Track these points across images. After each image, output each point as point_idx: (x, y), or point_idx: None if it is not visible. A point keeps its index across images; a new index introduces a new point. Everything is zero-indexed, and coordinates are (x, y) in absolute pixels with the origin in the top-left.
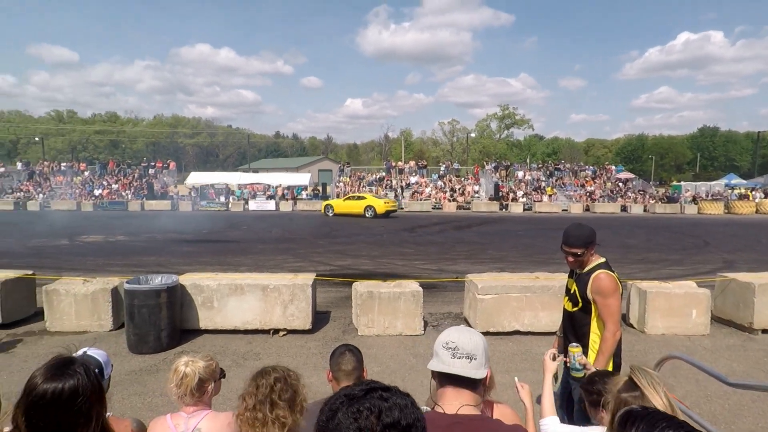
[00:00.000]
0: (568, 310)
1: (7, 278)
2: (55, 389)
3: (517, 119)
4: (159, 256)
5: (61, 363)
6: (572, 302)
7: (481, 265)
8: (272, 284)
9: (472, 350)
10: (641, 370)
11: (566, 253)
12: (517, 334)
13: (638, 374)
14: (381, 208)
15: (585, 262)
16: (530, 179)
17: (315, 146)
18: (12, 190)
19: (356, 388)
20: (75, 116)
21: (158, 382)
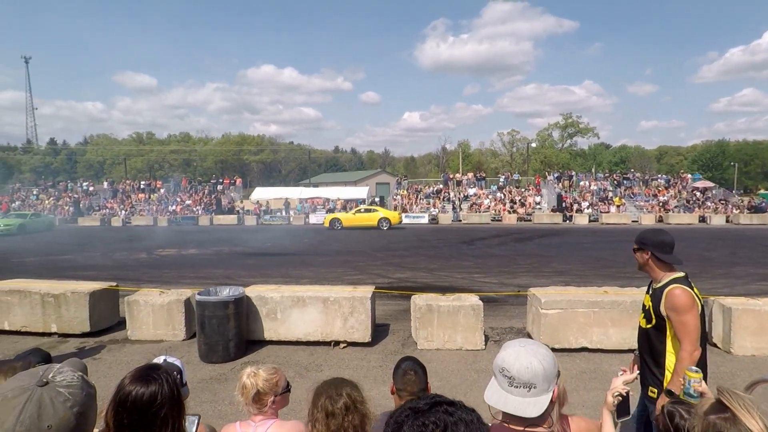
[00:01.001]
0: (643, 328)
1: (95, 289)
2: (136, 392)
3: (581, 128)
4: (226, 269)
5: (146, 369)
6: (647, 319)
7: (543, 278)
8: (332, 297)
9: (530, 379)
10: (731, 392)
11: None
12: (584, 351)
13: (728, 395)
14: (396, 219)
15: (648, 271)
16: (596, 189)
17: (373, 160)
18: (99, 207)
19: (421, 402)
20: (153, 137)
21: (227, 391)
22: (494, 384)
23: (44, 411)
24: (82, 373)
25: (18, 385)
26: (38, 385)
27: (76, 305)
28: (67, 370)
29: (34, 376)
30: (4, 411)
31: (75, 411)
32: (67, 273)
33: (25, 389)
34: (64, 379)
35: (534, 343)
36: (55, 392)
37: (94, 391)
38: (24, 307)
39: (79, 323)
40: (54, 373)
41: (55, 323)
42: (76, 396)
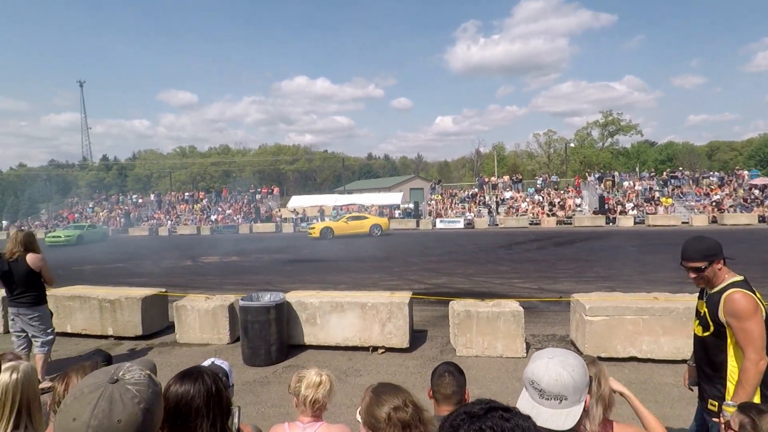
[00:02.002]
0: (699, 336)
1: (146, 295)
2: (177, 392)
3: (623, 125)
4: (266, 275)
5: (190, 371)
6: (703, 326)
7: (586, 284)
8: (370, 302)
9: (560, 391)
10: None
11: (686, 269)
12: (633, 360)
13: None
14: (386, 225)
15: (713, 280)
16: (641, 189)
17: (406, 165)
18: (147, 218)
19: (476, 407)
20: (195, 151)
21: (269, 394)
22: (525, 396)
23: (115, 406)
24: (151, 372)
25: (93, 381)
26: (110, 382)
27: (129, 310)
28: (136, 368)
29: (107, 374)
30: (81, 405)
31: (142, 407)
32: (120, 280)
33: (99, 386)
34: (133, 377)
35: (563, 352)
36: (124, 389)
37: (160, 389)
38: (84, 312)
39: (133, 327)
40: (124, 371)
41: (111, 326)
42: (143, 393)
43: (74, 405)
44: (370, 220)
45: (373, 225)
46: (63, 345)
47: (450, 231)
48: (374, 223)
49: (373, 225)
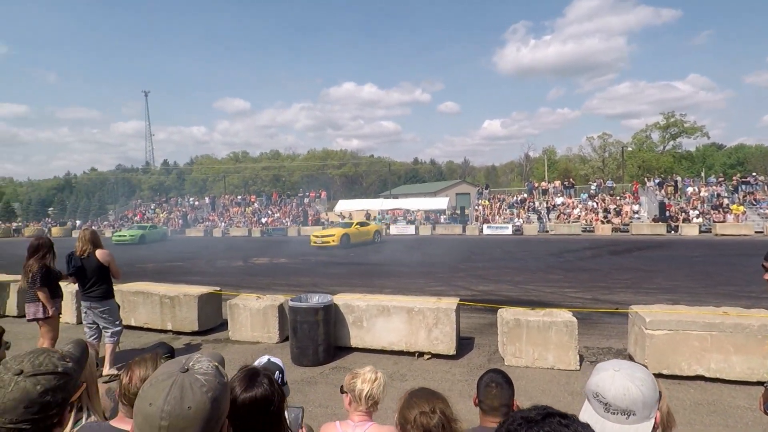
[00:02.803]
0: None
1: (202, 293)
2: (251, 398)
3: (686, 127)
4: (313, 277)
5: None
6: None
7: (646, 295)
8: (417, 307)
9: (628, 405)
10: None
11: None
12: (700, 379)
13: None
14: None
15: None
16: (707, 196)
17: (452, 170)
18: (202, 220)
19: (533, 412)
20: (247, 156)
21: (316, 394)
22: (589, 409)
23: (185, 394)
24: (219, 364)
25: (166, 370)
26: (181, 371)
27: (187, 306)
28: (205, 359)
29: (179, 364)
30: (156, 391)
31: (210, 396)
32: (178, 278)
33: (171, 374)
34: (202, 367)
35: (630, 365)
36: (193, 378)
37: (227, 381)
38: (146, 307)
39: (190, 323)
40: (194, 361)
41: (170, 321)
42: (211, 383)
43: (150, 391)
44: (374, 226)
45: (375, 231)
46: (127, 337)
47: (497, 237)
48: (376, 230)
49: (375, 231)
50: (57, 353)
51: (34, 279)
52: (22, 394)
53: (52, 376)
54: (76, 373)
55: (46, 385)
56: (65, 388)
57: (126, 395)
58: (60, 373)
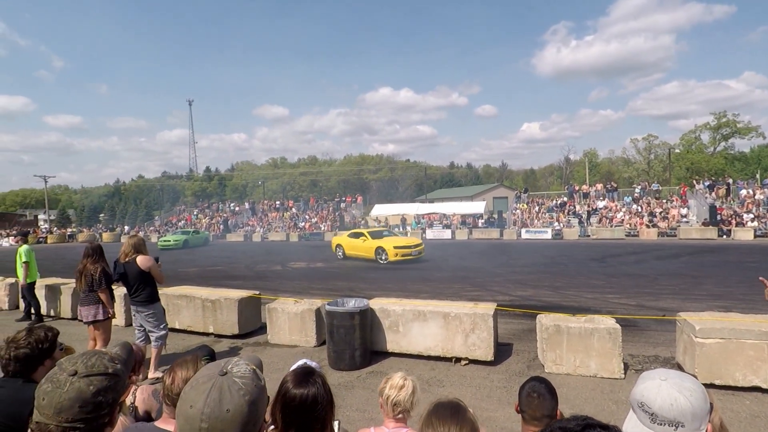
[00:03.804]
0: None
1: (242, 297)
2: (302, 395)
3: (740, 127)
4: (349, 281)
5: (305, 372)
6: None
7: (694, 302)
8: (453, 312)
9: (675, 417)
10: None
11: None
12: (756, 391)
13: None
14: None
15: None
16: (763, 199)
17: (489, 174)
18: (242, 225)
19: (572, 422)
20: (285, 161)
21: (354, 398)
22: (634, 419)
23: (224, 396)
24: (257, 367)
25: (206, 373)
26: (219, 374)
27: (228, 310)
28: (243, 363)
29: (218, 367)
30: (196, 394)
31: (247, 399)
32: (219, 282)
33: (211, 377)
34: (239, 370)
35: (677, 374)
36: (231, 381)
37: (264, 384)
38: (189, 310)
39: (230, 326)
40: (232, 365)
41: (212, 324)
42: (248, 386)
43: (191, 394)
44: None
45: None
46: (171, 339)
47: (536, 241)
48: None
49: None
50: (107, 355)
51: (98, 281)
52: (77, 394)
53: (104, 376)
54: (124, 375)
55: (98, 386)
56: (115, 388)
57: (169, 396)
58: (111, 374)
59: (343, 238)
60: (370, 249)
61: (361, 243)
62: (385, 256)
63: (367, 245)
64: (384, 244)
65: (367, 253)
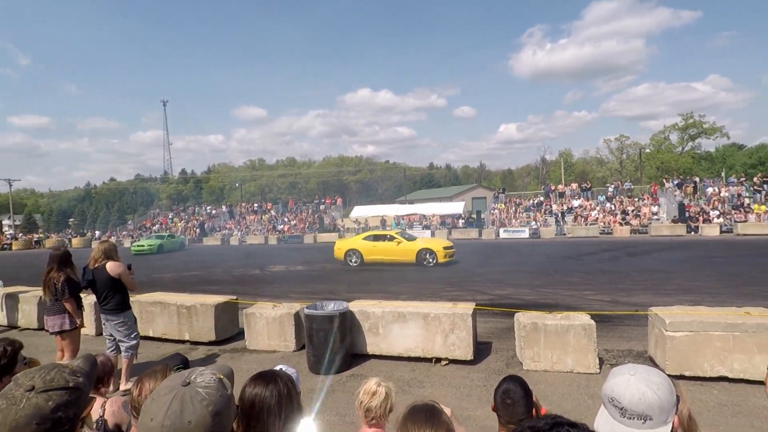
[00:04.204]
0: None
1: (219, 302)
2: (252, 393)
3: (706, 128)
4: (330, 284)
5: (264, 373)
6: None
7: (666, 296)
8: (432, 313)
9: (644, 410)
10: None
11: None
12: (724, 380)
13: None
14: None
15: None
16: (728, 196)
17: (468, 175)
18: (219, 228)
19: (541, 422)
20: (263, 163)
21: (334, 402)
22: (605, 413)
23: (185, 408)
24: (228, 377)
25: (168, 384)
26: (182, 385)
27: (204, 316)
28: (208, 373)
29: (181, 377)
30: (157, 406)
31: (210, 410)
32: (195, 287)
33: (172, 388)
34: (203, 380)
35: (645, 369)
36: (194, 392)
37: (230, 394)
38: (164, 317)
39: (207, 332)
40: (196, 375)
41: (187, 332)
42: (212, 396)
43: (152, 406)
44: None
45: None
46: (145, 348)
47: (514, 241)
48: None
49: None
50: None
51: (62, 290)
52: (34, 410)
53: (64, 391)
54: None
55: (58, 401)
56: (76, 403)
57: (137, 408)
58: (71, 389)
59: (357, 242)
60: (409, 252)
61: (394, 246)
62: (434, 258)
63: (403, 248)
64: (432, 245)
65: (404, 256)
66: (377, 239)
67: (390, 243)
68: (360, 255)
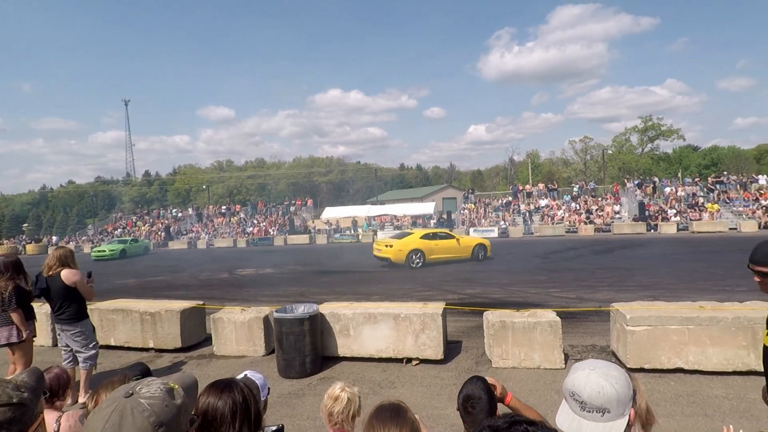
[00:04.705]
0: (765, 346)
1: (185, 308)
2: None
3: (664, 130)
4: (300, 287)
5: (220, 381)
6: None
7: (627, 293)
8: (403, 313)
9: (603, 404)
10: None
11: (752, 272)
12: (680, 372)
13: None
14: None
15: None
16: (684, 195)
17: (438, 175)
18: (186, 231)
19: (500, 420)
20: (232, 164)
21: (304, 406)
22: (566, 408)
23: (124, 421)
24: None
25: (112, 396)
26: (124, 397)
27: (169, 323)
28: (157, 383)
29: (126, 388)
30: (97, 419)
31: (152, 421)
32: (160, 293)
33: (114, 400)
34: (148, 391)
35: (605, 364)
36: (136, 403)
37: (181, 404)
38: (126, 325)
39: (172, 339)
40: (142, 385)
41: (152, 339)
42: (156, 407)
43: (93, 419)
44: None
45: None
46: (107, 358)
47: None
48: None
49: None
50: (11, 383)
51: (9, 300)
52: None
53: (7, 408)
54: (33, 404)
55: (0, 418)
56: (21, 419)
57: None
58: (15, 405)
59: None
60: (467, 249)
61: (454, 244)
62: (485, 252)
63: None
64: (482, 241)
65: (463, 253)
66: (432, 238)
67: (447, 241)
68: (423, 254)
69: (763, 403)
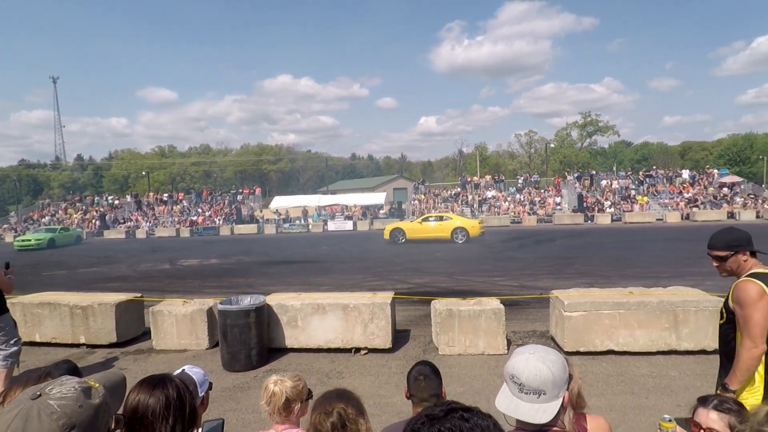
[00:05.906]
0: (719, 324)
1: (120, 301)
2: (136, 399)
3: (601, 126)
4: (248, 278)
5: (151, 377)
6: (720, 315)
7: (566, 280)
8: (352, 303)
9: (539, 385)
10: None
11: (710, 257)
12: (611, 353)
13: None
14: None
15: (737, 271)
16: (618, 188)
17: (390, 166)
18: (124, 220)
19: (437, 409)
20: (174, 150)
21: (250, 399)
22: (505, 390)
23: (29, 424)
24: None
25: (19, 398)
26: (31, 399)
27: (103, 317)
28: (72, 382)
29: (34, 389)
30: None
31: (61, 423)
32: (94, 285)
33: (20, 402)
34: (59, 391)
35: (544, 349)
36: (44, 405)
37: (98, 404)
38: (54, 319)
39: (106, 334)
40: (53, 386)
41: (83, 335)
42: (66, 408)
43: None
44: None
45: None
46: (31, 355)
47: None
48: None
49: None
50: None
51: None
52: None
53: None
54: None
55: None
56: None
57: None
58: None
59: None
60: (446, 229)
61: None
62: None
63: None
64: (464, 224)
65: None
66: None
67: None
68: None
69: (681, 378)
